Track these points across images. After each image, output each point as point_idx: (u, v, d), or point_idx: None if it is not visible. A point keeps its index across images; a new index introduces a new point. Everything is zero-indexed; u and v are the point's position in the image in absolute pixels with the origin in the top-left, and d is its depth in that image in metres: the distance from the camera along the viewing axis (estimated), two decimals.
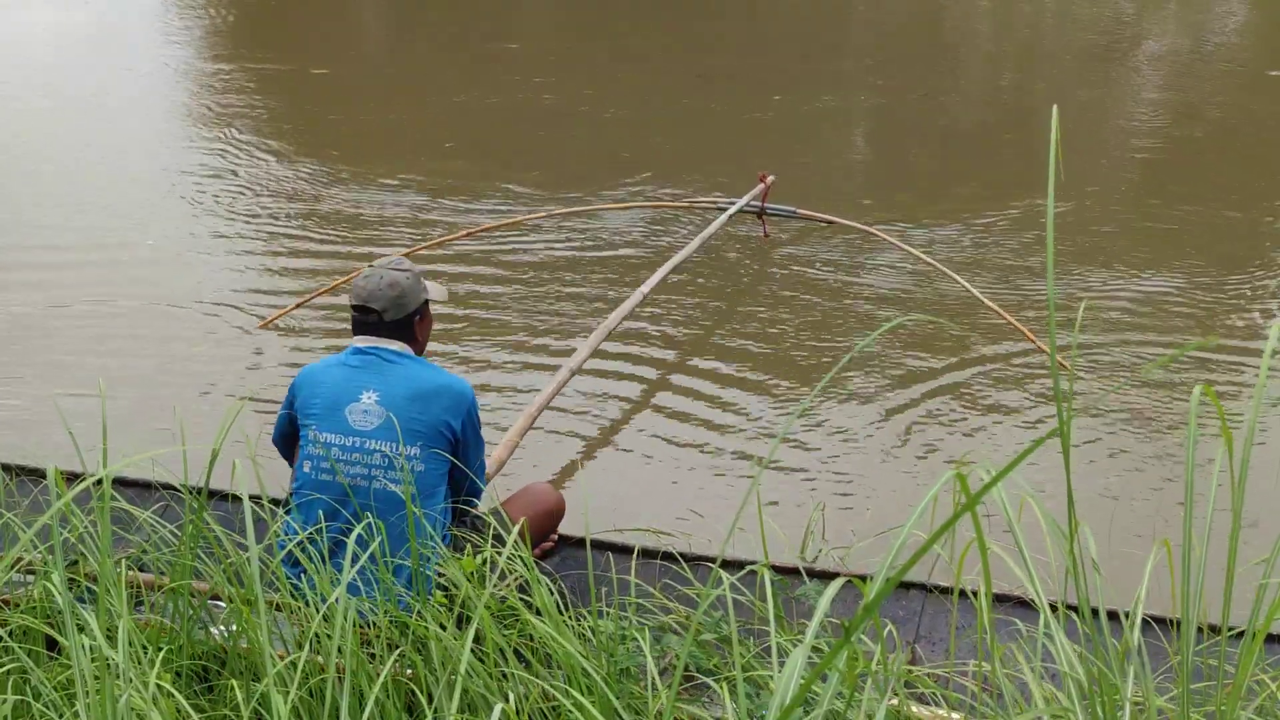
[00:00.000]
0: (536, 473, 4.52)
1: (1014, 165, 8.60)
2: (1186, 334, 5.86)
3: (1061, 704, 1.94)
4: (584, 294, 6.26)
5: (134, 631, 2.29)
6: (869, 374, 5.40)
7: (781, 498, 4.44)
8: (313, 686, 2.32)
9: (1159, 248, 7.00)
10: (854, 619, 1.15)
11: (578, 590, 3.17)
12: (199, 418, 4.65)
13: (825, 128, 9.67)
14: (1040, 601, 1.88)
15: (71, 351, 5.55)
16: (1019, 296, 6.21)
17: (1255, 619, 1.81)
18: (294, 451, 3.31)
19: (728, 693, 2.13)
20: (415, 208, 7.39)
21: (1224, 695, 1.88)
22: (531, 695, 2.35)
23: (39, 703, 2.25)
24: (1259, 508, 3.98)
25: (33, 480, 3.62)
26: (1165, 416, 5.06)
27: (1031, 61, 12.19)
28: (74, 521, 2.64)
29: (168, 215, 7.28)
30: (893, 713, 2.26)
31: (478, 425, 3.29)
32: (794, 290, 6.33)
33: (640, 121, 9.40)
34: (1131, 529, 4.11)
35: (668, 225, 7.13)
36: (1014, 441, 4.89)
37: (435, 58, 11.40)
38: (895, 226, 6.94)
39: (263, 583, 2.34)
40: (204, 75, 10.56)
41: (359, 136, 9.01)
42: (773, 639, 2.06)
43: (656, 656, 2.51)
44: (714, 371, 5.51)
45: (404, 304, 3.25)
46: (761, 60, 11.18)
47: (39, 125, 9.02)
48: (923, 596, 3.38)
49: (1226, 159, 8.78)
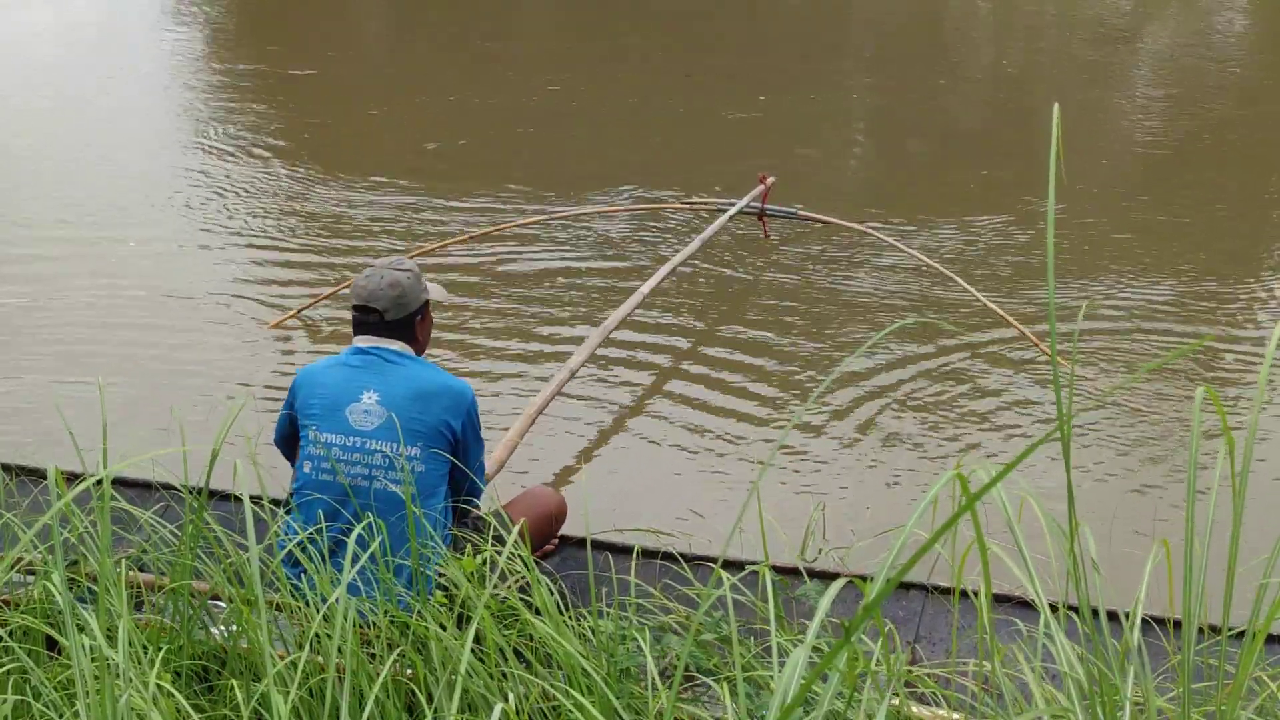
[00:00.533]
0: (537, 473, 4.52)
1: (1014, 165, 8.60)
2: (1187, 334, 5.86)
3: (1061, 704, 1.94)
4: (583, 296, 6.25)
5: (134, 631, 2.29)
6: (869, 375, 5.40)
7: (782, 498, 4.44)
8: (313, 686, 2.32)
9: (1159, 247, 7.00)
10: (854, 619, 1.15)
11: (578, 590, 3.17)
12: (199, 418, 4.65)
13: (825, 128, 9.67)
14: (1040, 601, 1.88)
15: (70, 351, 5.55)
16: (1019, 296, 6.21)
17: (1255, 619, 1.82)
18: (295, 452, 3.31)
19: (728, 693, 2.13)
20: (414, 209, 7.38)
21: (1224, 695, 1.88)
22: (531, 695, 2.35)
23: (39, 703, 2.25)
24: (1259, 508, 3.98)
25: (33, 480, 3.61)
26: (1166, 416, 5.06)
27: (1031, 61, 12.19)
28: (74, 521, 2.64)
29: (168, 215, 7.28)
30: (893, 713, 2.26)
31: (478, 426, 3.29)
32: (794, 291, 6.33)
33: (640, 122, 9.40)
34: (1131, 529, 4.11)
35: (667, 226, 7.13)
36: (1014, 441, 4.90)
37: (435, 58, 11.39)
38: (895, 227, 6.95)
39: (263, 583, 2.34)
40: (204, 74, 10.56)
41: (359, 137, 9.01)
42: (773, 639, 2.06)
43: (657, 656, 2.50)
44: (714, 372, 5.51)
45: (405, 304, 3.25)
46: (761, 60, 11.18)
47: (39, 125, 9.01)
48: (923, 596, 3.38)
49: (1227, 158, 8.78)
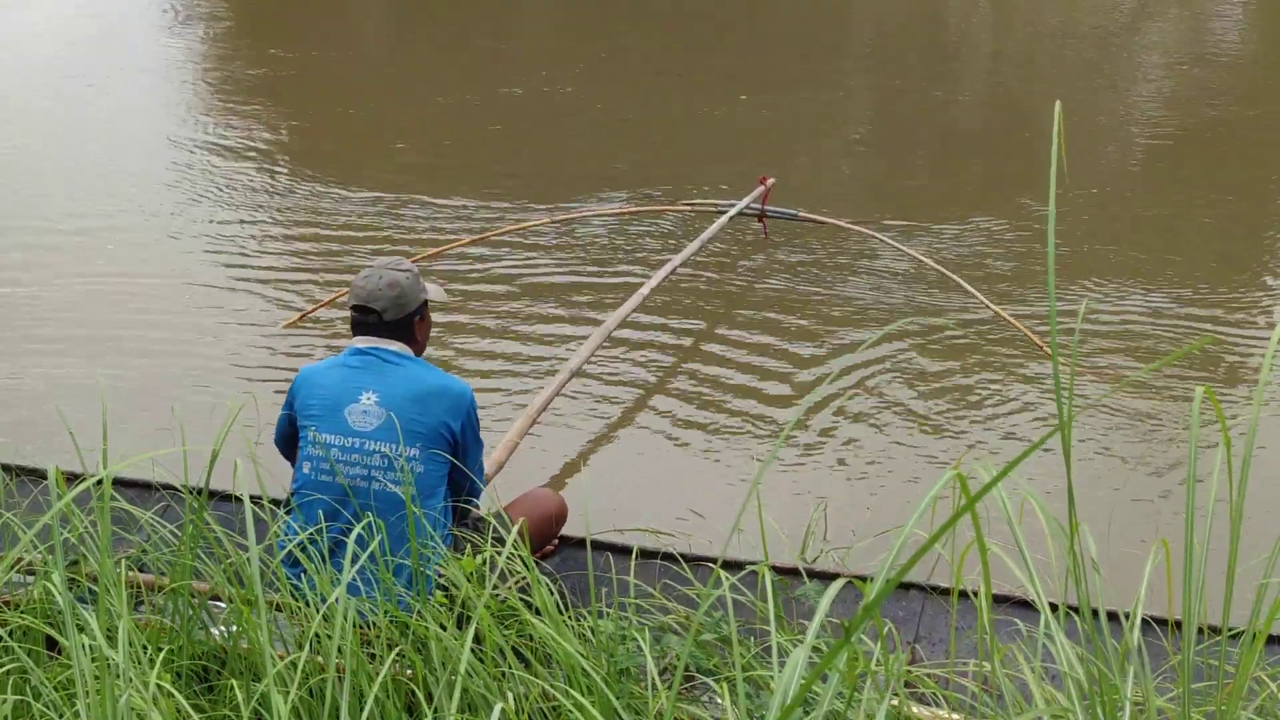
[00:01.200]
0: (537, 473, 4.52)
1: (1014, 165, 8.60)
2: (1188, 334, 5.86)
3: (1061, 704, 1.94)
4: (583, 296, 6.25)
5: (134, 632, 2.29)
6: (869, 374, 5.40)
7: (782, 498, 4.44)
8: (313, 686, 2.32)
9: (1160, 247, 7.00)
10: (854, 619, 1.15)
11: (578, 590, 3.17)
12: (200, 418, 4.65)
13: (825, 128, 9.67)
14: (1040, 602, 1.88)
15: (71, 351, 5.55)
16: (1019, 297, 6.21)
17: (1255, 619, 1.82)
18: (294, 453, 3.31)
19: (728, 693, 2.13)
20: (414, 210, 7.38)
21: (1224, 695, 1.88)
22: (531, 695, 2.35)
23: (39, 703, 2.25)
24: (1259, 507, 3.98)
25: (33, 480, 3.61)
26: (1166, 416, 5.06)
27: (1031, 61, 12.19)
28: (74, 522, 2.64)
29: (169, 215, 7.28)
30: (893, 713, 2.26)
31: (477, 427, 3.29)
32: (794, 291, 6.33)
33: (639, 122, 9.40)
34: (1131, 529, 4.11)
35: (667, 228, 7.13)
36: (1014, 442, 4.89)
37: (435, 57, 11.39)
38: (895, 227, 6.94)
39: (263, 583, 2.34)
40: (205, 74, 10.55)
41: (358, 136, 9.01)
42: (773, 639, 2.06)
43: (656, 656, 2.50)
44: (713, 372, 5.51)
45: (404, 304, 3.25)
46: (761, 60, 11.18)
47: (39, 125, 9.01)
48: (923, 597, 3.38)
49: (1228, 158, 8.78)
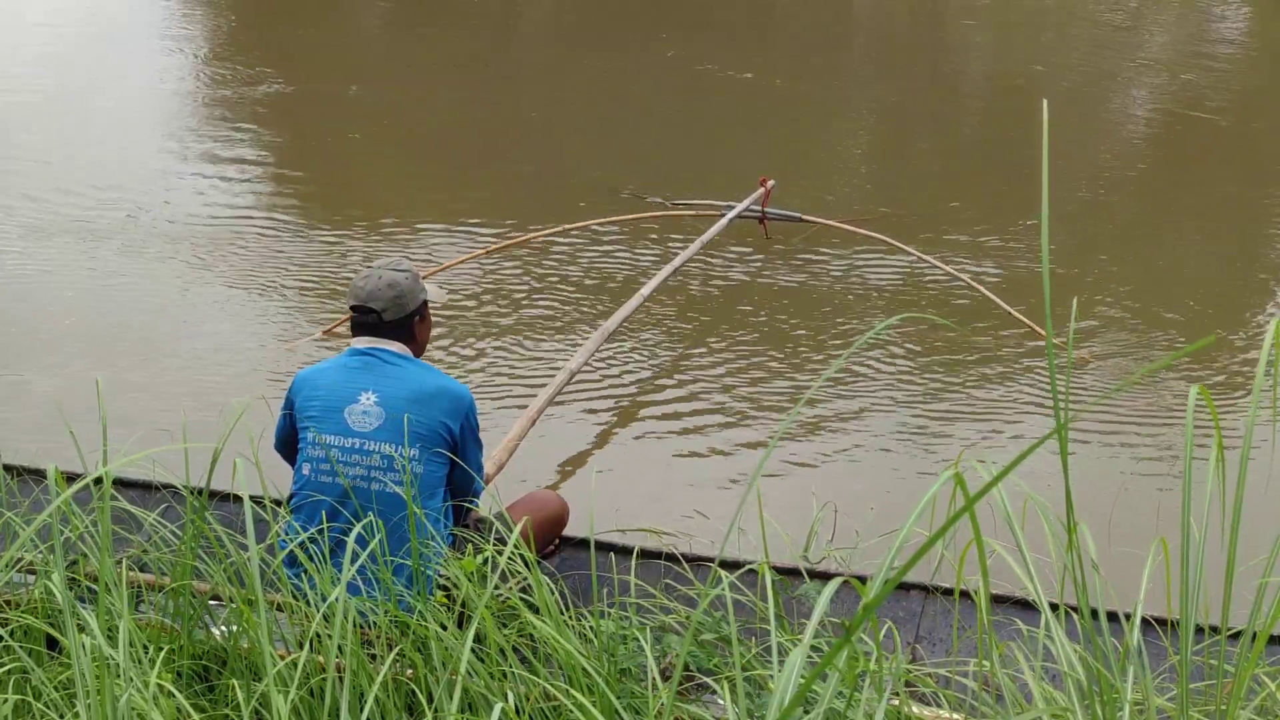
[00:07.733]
0: (537, 473, 4.52)
1: (1015, 164, 8.60)
2: (1187, 333, 5.86)
3: (1061, 704, 1.94)
4: (583, 298, 6.25)
5: (134, 631, 2.29)
6: (869, 374, 5.40)
7: (782, 498, 4.44)
8: (313, 686, 2.32)
9: (1160, 247, 7.00)
10: (854, 619, 1.15)
11: (579, 590, 3.17)
12: (201, 417, 4.65)
13: (825, 129, 9.67)
14: (1040, 601, 1.88)
15: (70, 351, 5.55)
16: (1019, 297, 6.20)
17: (1255, 619, 1.82)
18: (294, 454, 3.31)
19: (728, 692, 2.13)
20: (415, 223, 7.38)
21: (1224, 695, 1.88)
22: (532, 695, 2.35)
23: (39, 702, 2.25)
24: (1258, 507, 3.97)
25: (33, 480, 3.61)
26: (1165, 416, 5.06)
27: (1032, 61, 12.19)
28: (74, 521, 2.64)
29: (169, 215, 7.27)
30: (893, 712, 2.26)
31: (476, 429, 3.29)
32: (794, 291, 6.33)
33: (639, 124, 9.40)
34: (1131, 529, 4.11)
35: (667, 229, 7.12)
36: (1014, 442, 4.89)
37: (441, 68, 11.37)
38: (895, 228, 6.93)
39: (263, 583, 2.34)
40: (205, 73, 10.54)
41: (358, 138, 9.01)
42: (773, 639, 2.06)
43: (657, 656, 2.50)
44: (714, 372, 5.51)
45: (403, 304, 3.25)
46: (761, 60, 11.18)
47: (39, 124, 9.01)
48: (923, 597, 3.38)
49: (1228, 157, 8.78)
